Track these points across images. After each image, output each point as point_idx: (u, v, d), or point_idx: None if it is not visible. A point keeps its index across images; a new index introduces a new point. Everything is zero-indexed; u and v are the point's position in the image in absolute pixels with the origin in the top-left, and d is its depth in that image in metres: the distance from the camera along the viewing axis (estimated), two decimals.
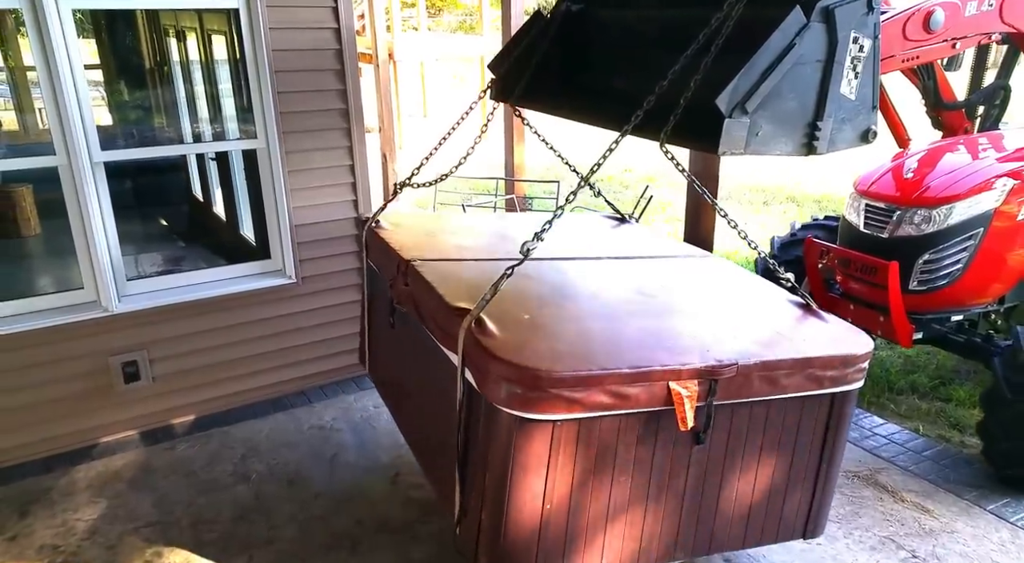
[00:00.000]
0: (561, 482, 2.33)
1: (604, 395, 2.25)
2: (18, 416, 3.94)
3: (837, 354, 2.59)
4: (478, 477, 2.40)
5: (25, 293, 4.08)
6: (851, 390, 2.68)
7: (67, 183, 3.85)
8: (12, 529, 3.53)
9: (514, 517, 2.33)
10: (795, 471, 2.72)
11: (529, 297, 2.80)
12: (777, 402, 2.57)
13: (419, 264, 2.98)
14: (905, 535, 3.50)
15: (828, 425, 2.69)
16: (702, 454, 2.53)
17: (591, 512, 2.43)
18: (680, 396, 2.32)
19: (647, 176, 11.56)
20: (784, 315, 2.87)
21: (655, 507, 2.53)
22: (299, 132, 4.41)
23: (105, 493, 3.80)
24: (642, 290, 3.01)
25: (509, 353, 2.24)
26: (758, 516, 2.73)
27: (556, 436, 2.27)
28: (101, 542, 3.44)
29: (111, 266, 4.01)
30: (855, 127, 2.26)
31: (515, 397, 2.20)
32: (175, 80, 7.39)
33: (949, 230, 4.07)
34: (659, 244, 3.73)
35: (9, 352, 3.83)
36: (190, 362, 4.36)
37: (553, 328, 2.57)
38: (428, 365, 2.89)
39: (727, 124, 2.02)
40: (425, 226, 3.75)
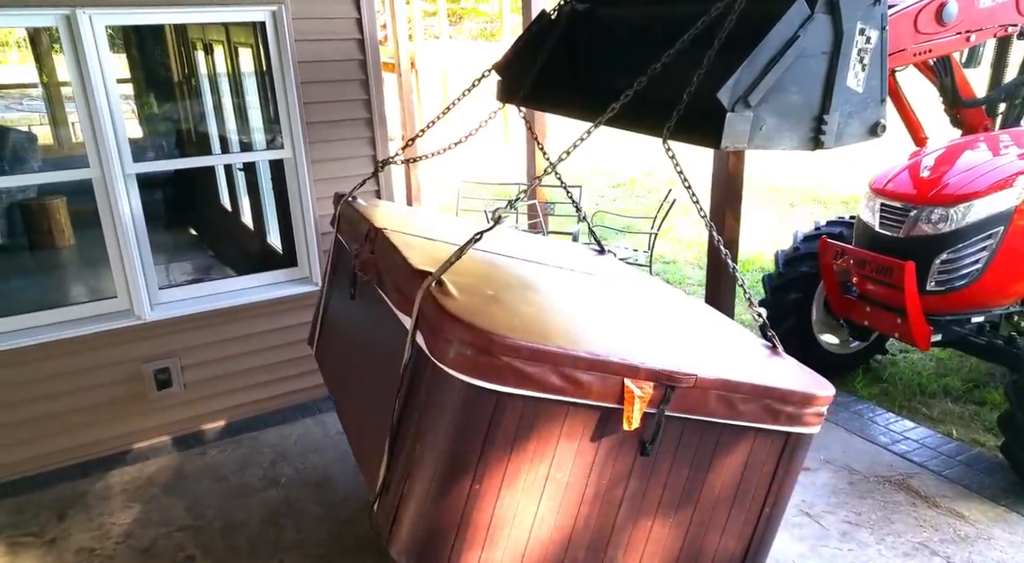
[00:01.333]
0: (495, 462, 2.20)
1: (556, 376, 2.14)
2: (55, 422, 4.02)
3: (798, 390, 2.50)
4: (410, 446, 2.27)
5: (61, 303, 4.18)
6: (806, 433, 2.58)
7: (100, 195, 3.94)
8: (51, 532, 3.61)
9: (439, 491, 2.20)
10: (737, 507, 2.61)
11: (496, 280, 2.72)
12: (730, 429, 2.47)
13: (389, 231, 2.88)
14: (940, 541, 3.44)
15: (778, 465, 2.59)
16: (645, 467, 2.41)
17: (520, 504, 2.28)
18: (632, 394, 2.21)
19: (669, 180, 11.51)
20: (751, 350, 2.80)
21: (587, 512, 2.40)
22: (325, 141, 4.47)
23: (139, 497, 3.87)
24: (610, 299, 2.94)
25: (465, 314, 2.12)
26: (692, 548, 2.61)
27: (499, 410, 2.14)
28: (135, 545, 3.50)
29: (143, 275, 4.09)
30: (863, 121, 2.21)
31: (464, 359, 2.08)
32: (203, 92, 7.53)
33: (967, 229, 3.99)
34: (632, 274, 3.65)
35: (46, 360, 3.92)
36: (220, 369, 4.43)
37: (516, 307, 2.46)
38: (379, 334, 2.77)
39: (729, 118, 1.98)
40: (404, 212, 3.67)
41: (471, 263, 2.74)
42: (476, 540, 2.27)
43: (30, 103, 13.66)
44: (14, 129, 7.66)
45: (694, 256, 8.35)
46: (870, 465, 4.06)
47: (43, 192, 7.03)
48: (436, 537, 2.23)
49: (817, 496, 3.79)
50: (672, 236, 9.02)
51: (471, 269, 2.60)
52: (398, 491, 2.28)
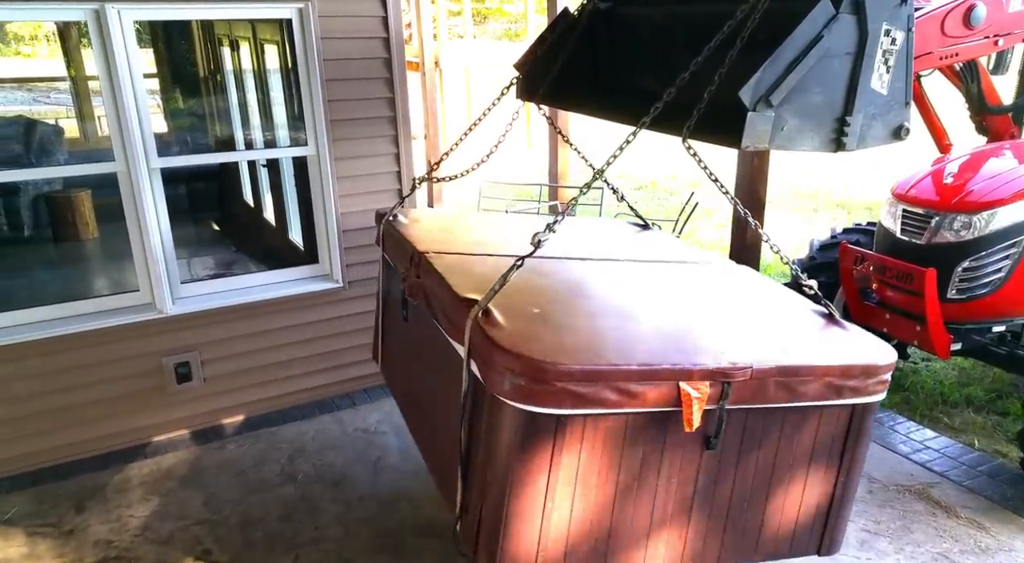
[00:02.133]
0: (564, 480, 2.26)
1: (611, 392, 2.17)
2: (76, 413, 4.07)
3: (858, 363, 2.48)
4: (480, 472, 2.34)
5: (84, 295, 4.23)
6: (872, 402, 2.56)
7: (125, 188, 3.98)
8: (69, 523, 3.65)
9: (514, 514, 2.26)
10: (811, 483, 2.61)
11: (541, 293, 2.75)
12: (794, 410, 2.47)
13: (432, 256, 2.92)
14: (960, 552, 3.39)
15: (847, 437, 2.58)
16: (713, 460, 2.43)
17: (595, 516, 2.35)
18: (689, 397, 2.23)
19: (692, 182, 11.45)
20: (806, 323, 2.77)
21: (662, 512, 2.44)
22: (348, 139, 4.49)
23: (157, 491, 3.90)
24: (659, 292, 2.93)
25: (515, 344, 2.17)
26: (771, 528, 2.63)
27: (560, 432, 2.19)
28: (153, 538, 3.53)
29: (166, 269, 4.13)
30: (886, 123, 2.17)
31: (519, 389, 2.13)
32: (228, 89, 7.59)
33: (990, 237, 3.92)
34: (681, 250, 3.65)
35: (68, 352, 3.97)
36: (240, 364, 4.45)
37: (563, 322, 2.50)
38: (437, 359, 2.83)
39: (751, 117, 1.95)
40: (443, 222, 3.70)
41: (515, 275, 2.79)
42: (556, 555, 2.34)
43: (57, 96, 13.84)
44: (42, 122, 7.77)
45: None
46: (890, 474, 4.01)
47: (68, 185, 7.13)
48: (519, 556, 2.31)
49: None
50: (694, 239, 8.96)
51: (513, 283, 2.58)
52: (476, 514, 2.36)
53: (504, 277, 2.33)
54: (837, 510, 2.69)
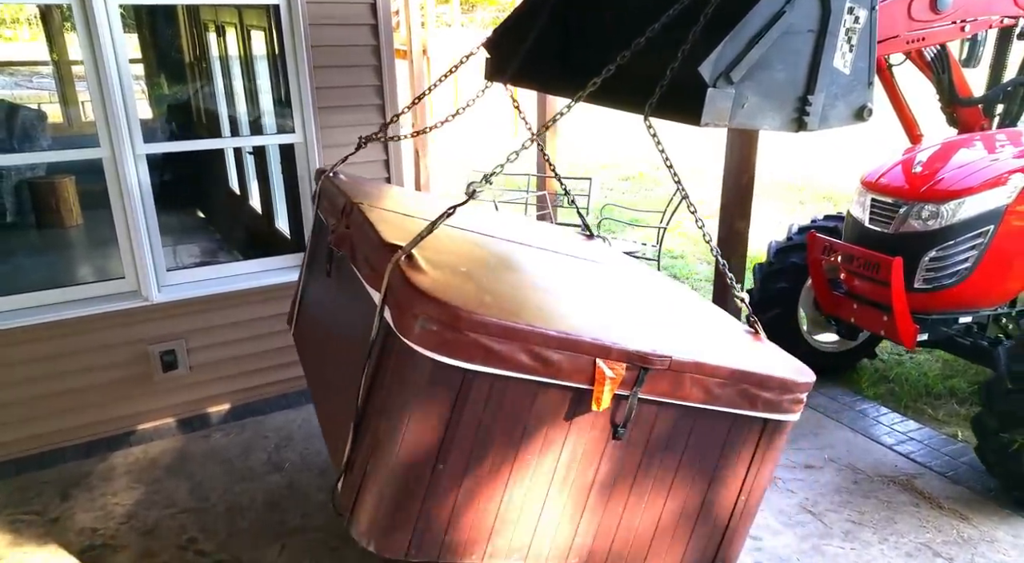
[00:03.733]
0: (460, 443, 2.14)
1: (525, 354, 2.08)
2: (60, 401, 4.03)
3: (776, 376, 2.44)
4: (372, 425, 2.20)
5: (68, 282, 4.18)
6: (784, 421, 2.52)
7: (110, 175, 3.93)
8: (54, 511, 3.63)
9: (401, 471, 2.13)
10: (711, 496, 2.55)
11: (472, 258, 2.67)
12: (705, 415, 2.41)
13: (365, 206, 2.81)
14: (942, 542, 3.43)
15: (755, 453, 2.53)
16: (618, 451, 2.36)
17: (487, 486, 2.23)
18: (603, 375, 2.15)
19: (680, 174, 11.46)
20: (732, 335, 2.74)
21: (557, 497, 2.34)
22: (336, 127, 4.45)
23: (143, 479, 3.88)
24: (592, 281, 2.88)
25: (432, 288, 2.06)
26: (664, 536, 2.56)
27: (465, 387, 2.08)
28: (138, 527, 3.51)
29: (151, 256, 4.09)
30: (849, 103, 2.14)
31: (430, 335, 2.02)
32: (214, 75, 7.51)
33: (957, 226, 3.92)
34: (620, 259, 3.56)
35: (53, 339, 3.92)
36: (226, 352, 4.43)
37: (488, 284, 2.39)
38: (351, 310, 2.70)
39: (710, 93, 1.91)
40: (386, 189, 3.60)
41: (449, 241, 2.69)
42: (440, 521, 2.22)
43: (40, 81, 13.65)
44: (24, 106, 7.66)
45: (703, 251, 8.33)
46: (874, 465, 4.05)
47: (52, 171, 7.04)
48: (398, 519, 2.18)
49: (821, 494, 3.78)
50: (681, 231, 8.99)
51: (448, 246, 2.54)
52: (361, 471, 2.21)
53: (433, 223, 2.23)
54: (733, 530, 2.62)
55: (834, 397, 4.82)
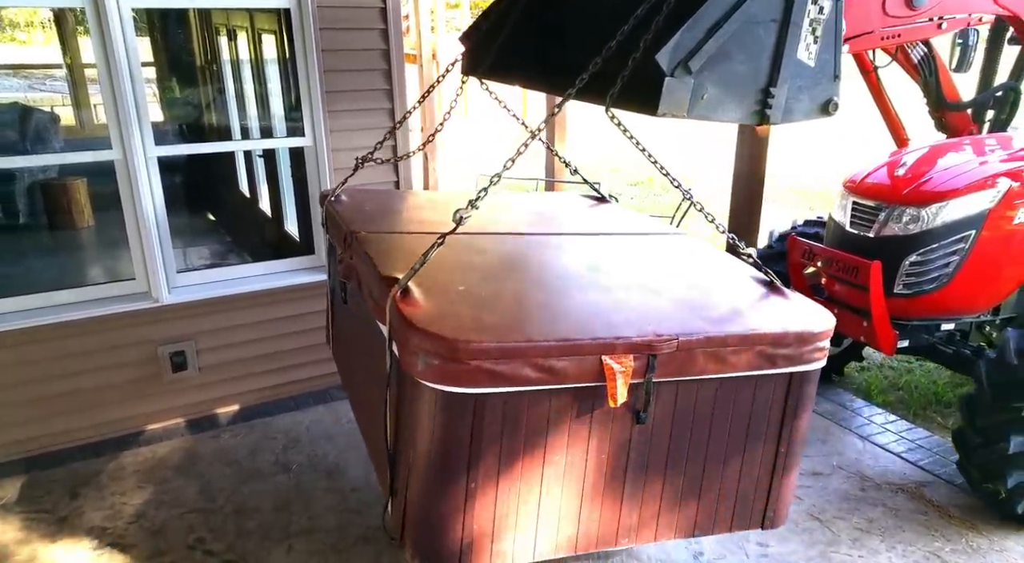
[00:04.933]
0: (487, 460, 2.21)
1: (530, 369, 2.12)
2: (71, 401, 4.06)
3: (791, 331, 2.40)
4: (404, 455, 2.30)
5: (79, 283, 4.21)
6: (810, 370, 2.50)
7: (122, 177, 3.96)
8: (64, 510, 3.65)
9: (437, 496, 2.22)
10: (749, 456, 2.55)
11: (473, 269, 2.68)
12: (727, 381, 2.40)
13: (363, 235, 2.85)
14: (951, 551, 3.41)
15: (786, 407, 2.52)
16: (644, 434, 2.37)
17: (522, 493, 2.29)
18: (613, 371, 2.17)
19: (686, 179, 11.46)
20: (744, 291, 2.70)
21: (593, 489, 2.38)
22: (346, 131, 4.48)
23: (152, 479, 3.90)
24: (597, 265, 2.85)
25: (428, 323, 2.11)
26: (709, 502, 2.57)
27: (479, 411, 2.14)
28: (147, 526, 3.53)
29: (162, 258, 4.12)
30: (814, 97, 2.08)
31: (433, 369, 2.08)
32: (225, 78, 7.55)
33: (938, 231, 3.80)
34: (631, 222, 3.52)
35: (64, 339, 3.95)
36: (235, 354, 4.45)
37: (487, 300, 2.42)
38: (369, 341, 2.76)
39: (668, 83, 1.86)
40: (385, 201, 3.61)
41: (448, 251, 2.66)
42: (484, 535, 2.28)
43: (53, 84, 13.76)
44: (38, 109, 7.72)
45: None
46: (883, 472, 4.03)
47: (64, 172, 7.10)
48: (444, 538, 2.26)
49: (828, 501, 3.77)
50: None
51: (446, 260, 2.54)
52: (402, 497, 2.32)
53: (424, 255, 2.28)
54: (779, 484, 2.62)
55: (843, 404, 4.80)
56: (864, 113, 5.02)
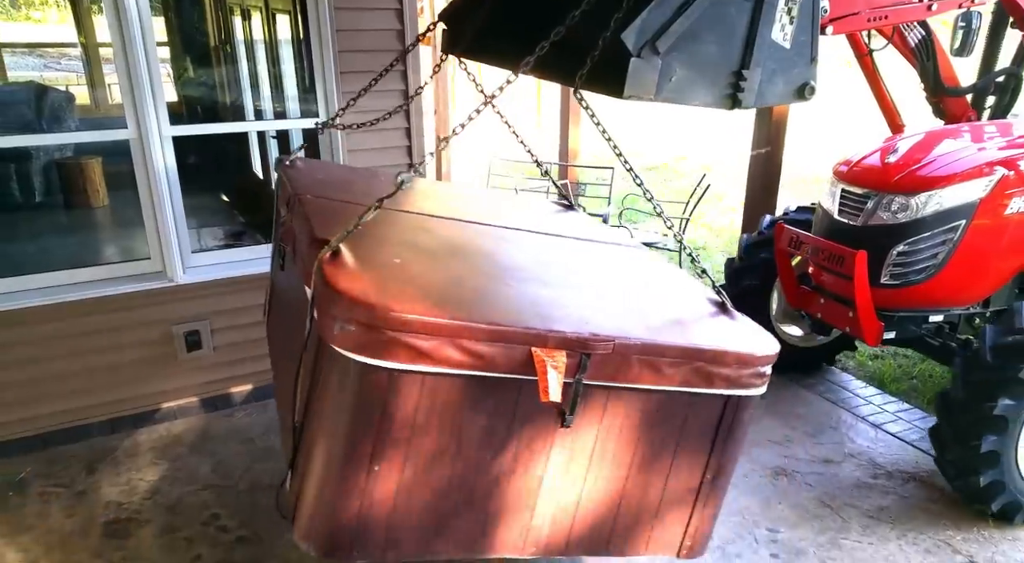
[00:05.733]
0: (395, 444, 2.05)
1: (455, 350, 1.98)
2: (87, 378, 4.10)
3: (731, 351, 2.30)
4: (309, 428, 2.15)
5: (95, 262, 4.24)
6: (748, 396, 2.40)
7: (137, 156, 3.98)
8: (81, 484, 3.70)
9: (335, 476, 2.05)
10: (674, 478, 2.45)
11: (417, 247, 2.53)
12: (660, 395, 2.30)
13: (307, 198, 2.71)
14: (963, 540, 3.41)
15: (718, 432, 2.42)
16: (568, 439, 2.25)
17: (431, 484, 2.14)
18: (543, 364, 2.04)
19: (703, 165, 11.40)
20: (692, 308, 2.59)
21: (507, 490, 2.25)
22: (359, 112, 4.44)
23: (167, 456, 3.94)
24: (548, 263, 2.73)
25: (350, 286, 1.96)
26: (626, 522, 2.46)
27: (394, 388, 1.98)
28: (162, 502, 3.57)
29: (177, 238, 4.14)
30: (789, 81, 1.99)
31: (348, 336, 1.93)
32: (239, 58, 7.56)
33: (926, 220, 3.70)
34: (594, 230, 3.39)
35: (80, 317, 3.99)
36: (249, 334, 4.47)
37: (422, 276, 2.26)
38: (296, 308, 2.60)
39: (634, 64, 1.77)
40: (344, 174, 3.44)
41: (396, 229, 2.57)
42: (379, 524, 2.14)
43: (68, 63, 13.80)
44: (53, 88, 7.74)
45: (725, 243, 8.28)
46: (894, 460, 4.03)
47: (79, 152, 7.13)
48: (337, 521, 2.11)
49: (839, 488, 3.77)
50: (703, 222, 8.94)
51: (392, 236, 2.41)
52: (300, 474, 2.18)
53: (360, 218, 2.13)
54: (701, 511, 2.52)
55: (855, 392, 4.79)
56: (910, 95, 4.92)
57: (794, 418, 4.45)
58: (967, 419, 3.37)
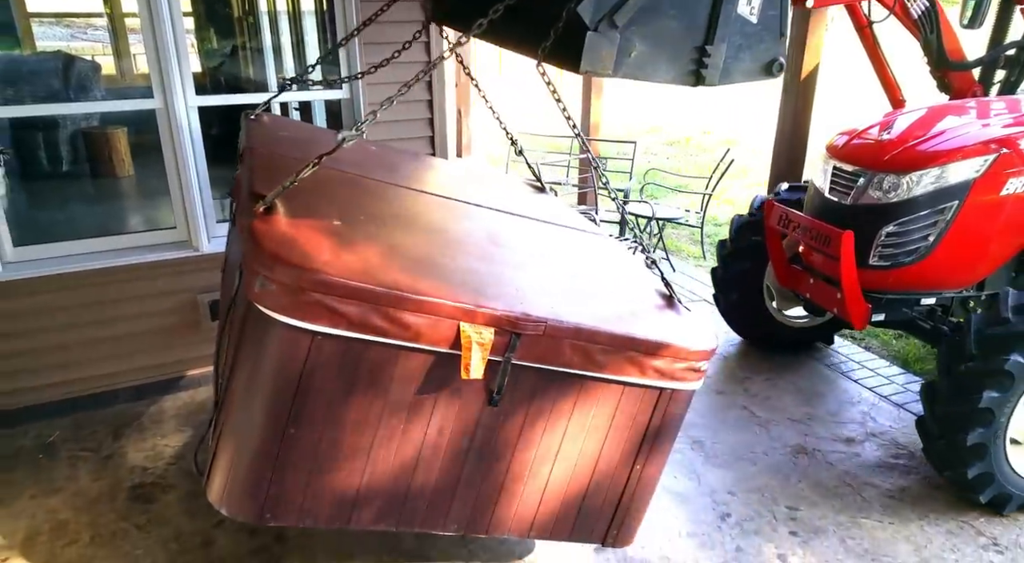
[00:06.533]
0: (313, 407, 2.02)
1: (379, 317, 1.95)
2: (114, 346, 4.16)
3: (667, 343, 2.27)
4: (229, 386, 2.11)
5: (121, 231, 4.28)
6: (681, 390, 2.38)
7: (163, 126, 3.99)
8: (108, 449, 3.78)
9: (250, 435, 2.02)
10: (603, 466, 2.43)
11: (362, 211, 2.47)
12: (592, 382, 2.29)
13: (256, 152, 2.65)
14: (985, 522, 3.38)
15: (650, 422, 2.40)
16: (494, 418, 2.23)
17: (347, 451, 2.11)
18: (469, 340, 2.02)
19: (727, 140, 11.25)
20: (639, 299, 2.54)
21: (428, 465, 2.22)
22: (382, 83, 4.43)
23: (191, 422, 4.01)
24: (498, 240, 2.67)
25: (276, 244, 1.93)
26: (551, 506, 2.45)
27: (315, 351, 1.95)
28: (186, 468, 3.63)
29: (202, 207, 4.16)
30: (756, 57, 1.94)
31: (270, 294, 1.90)
32: (262, 29, 7.52)
33: (917, 200, 3.56)
34: (559, 214, 3.30)
35: (106, 284, 4.04)
36: None
37: (358, 240, 2.19)
38: (235, 262, 2.55)
39: (590, 38, 1.72)
40: (308, 133, 3.30)
41: (346, 192, 2.51)
42: (295, 487, 2.11)
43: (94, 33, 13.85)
44: (80, 58, 7.77)
45: None
46: (917, 441, 3.97)
47: (105, 121, 7.18)
48: (249, 484, 2.08)
49: (860, 468, 3.75)
50: (726, 198, 8.84)
51: (338, 198, 2.36)
52: (218, 433, 2.15)
53: (296, 175, 2.10)
54: (628, 503, 2.51)
55: (877, 371, 4.74)
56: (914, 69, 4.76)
57: (815, 397, 4.42)
58: (952, 411, 3.27)
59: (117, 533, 3.17)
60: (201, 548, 3.09)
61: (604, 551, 3.05)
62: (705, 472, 3.68)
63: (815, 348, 5.03)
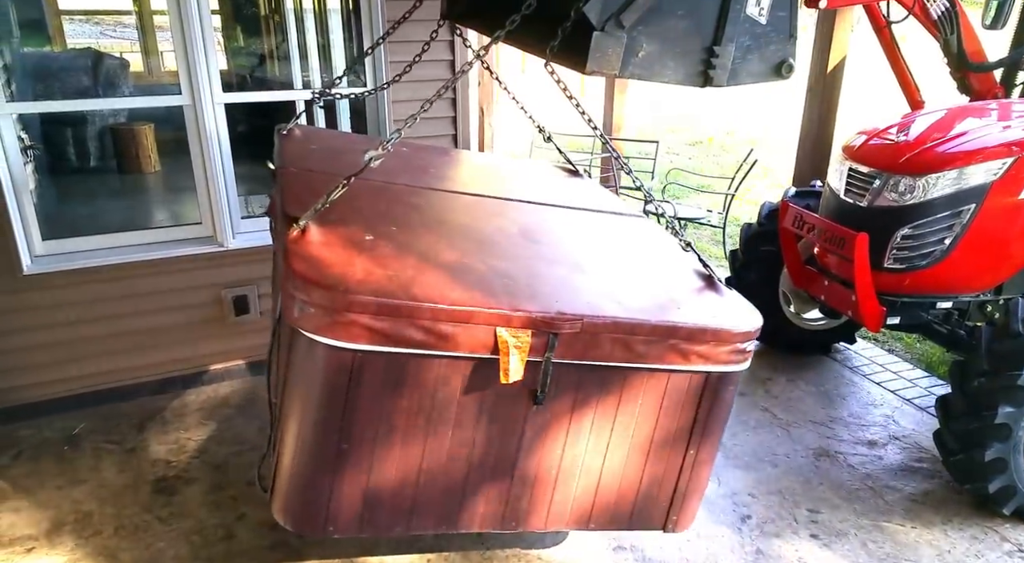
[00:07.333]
0: (363, 423, 2.07)
1: (416, 331, 1.98)
2: (138, 339, 4.22)
3: (708, 327, 2.25)
4: (282, 406, 2.18)
5: (147, 225, 4.33)
6: (728, 372, 2.36)
7: (191, 123, 4.04)
8: (131, 442, 3.83)
9: (306, 454, 2.09)
10: (655, 455, 2.42)
11: (394, 221, 2.50)
12: (637, 373, 2.27)
13: (288, 171, 2.70)
14: (1011, 527, 3.33)
15: (699, 407, 2.39)
16: (540, 417, 2.24)
17: (401, 461, 2.16)
18: (506, 344, 2.03)
19: (750, 140, 11.16)
20: (677, 283, 2.52)
21: (480, 468, 2.25)
22: (406, 82, 4.44)
23: (214, 417, 4.05)
24: (531, 235, 2.67)
25: (309, 268, 1.98)
26: (607, 497, 2.45)
27: (358, 368, 2.00)
28: (208, 461, 3.68)
29: (228, 204, 4.21)
30: (765, 58, 1.91)
31: (309, 317, 1.95)
32: (288, 27, 7.58)
33: (933, 203, 3.52)
34: (595, 198, 3.28)
35: (132, 278, 4.09)
36: None
37: (389, 254, 2.23)
38: (276, 282, 2.63)
39: (596, 38, 1.72)
40: (340, 143, 3.39)
41: (377, 200, 2.54)
42: (354, 501, 2.17)
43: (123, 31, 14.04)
44: (108, 55, 7.89)
45: None
46: None
47: (132, 118, 7.27)
48: (309, 499, 2.14)
49: (882, 471, 3.71)
50: (749, 198, 8.77)
51: (369, 208, 2.39)
52: (277, 452, 2.22)
53: (328, 196, 2.14)
54: (685, 487, 2.50)
55: (900, 374, 4.69)
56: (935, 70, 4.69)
57: (838, 399, 4.38)
58: (969, 426, 3.23)
59: (140, 525, 3.21)
60: (223, 541, 3.12)
61: (621, 550, 3.05)
62: (725, 473, 3.66)
63: (837, 350, 4.98)
